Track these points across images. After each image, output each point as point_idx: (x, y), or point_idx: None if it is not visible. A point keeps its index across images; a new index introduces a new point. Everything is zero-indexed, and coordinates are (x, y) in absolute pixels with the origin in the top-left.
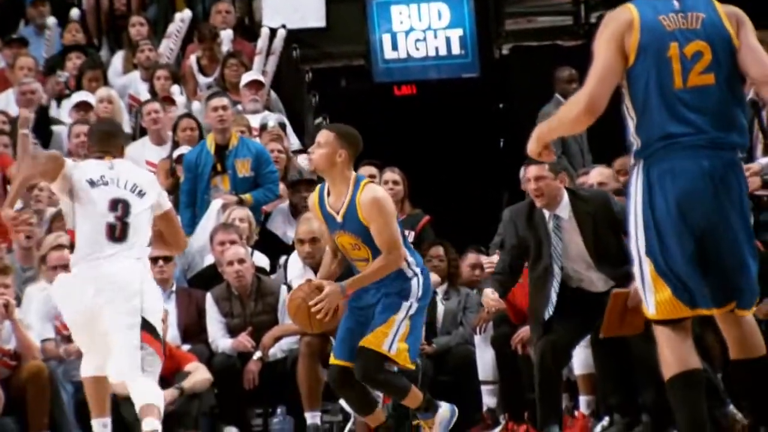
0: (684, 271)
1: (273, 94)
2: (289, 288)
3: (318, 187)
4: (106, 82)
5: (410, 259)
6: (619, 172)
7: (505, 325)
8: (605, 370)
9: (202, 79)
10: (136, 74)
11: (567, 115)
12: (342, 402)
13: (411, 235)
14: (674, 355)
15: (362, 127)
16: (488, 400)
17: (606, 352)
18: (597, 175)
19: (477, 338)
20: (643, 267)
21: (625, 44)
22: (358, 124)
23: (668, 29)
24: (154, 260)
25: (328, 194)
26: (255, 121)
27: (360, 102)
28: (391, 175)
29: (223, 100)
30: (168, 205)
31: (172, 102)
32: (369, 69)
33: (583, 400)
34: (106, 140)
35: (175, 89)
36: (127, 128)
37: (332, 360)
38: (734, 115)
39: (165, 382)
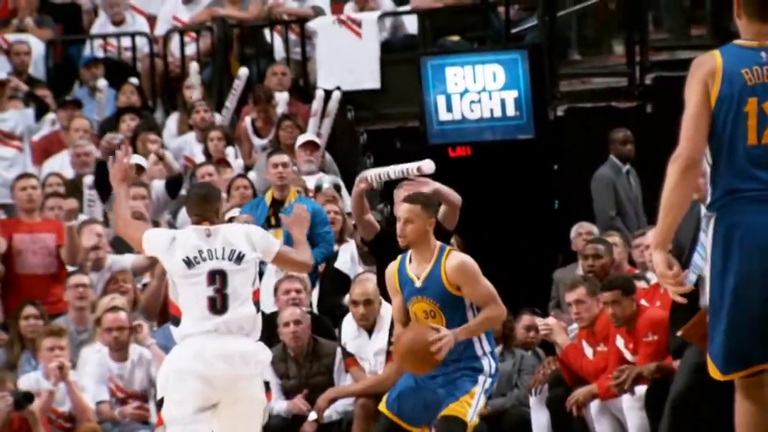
0: (730, 327)
1: (328, 155)
2: (344, 350)
3: (399, 257)
4: (161, 145)
5: (482, 335)
6: None
7: (560, 387)
8: None
9: (257, 141)
10: (191, 135)
11: (670, 182)
12: None
13: None
14: (744, 418)
15: None
16: None
17: (661, 414)
18: None
19: (532, 400)
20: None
21: (709, 91)
22: None
23: (749, 84)
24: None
25: (410, 261)
26: (310, 182)
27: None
28: None
29: (284, 158)
30: (275, 247)
31: (227, 164)
32: (424, 130)
33: None
34: (201, 205)
35: (230, 151)
36: (181, 190)
37: (383, 408)
38: None
39: None
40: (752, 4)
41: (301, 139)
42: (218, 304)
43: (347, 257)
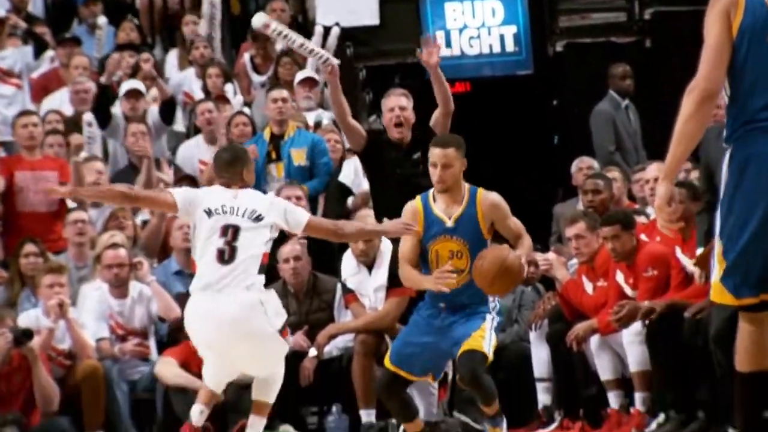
0: (744, 254)
1: (327, 92)
2: (344, 286)
3: (419, 196)
4: (153, 65)
5: None
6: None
7: (560, 322)
8: (661, 367)
9: (256, 78)
10: (190, 71)
11: (685, 113)
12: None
13: None
14: (747, 350)
15: (416, 124)
16: (543, 398)
17: (661, 348)
18: (655, 170)
19: (532, 335)
20: (715, 248)
21: (731, 22)
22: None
23: None
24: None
25: (434, 200)
26: (309, 118)
27: (414, 100)
28: None
29: (283, 93)
30: (302, 220)
31: (227, 101)
32: (423, 66)
33: (638, 396)
34: (226, 168)
35: (229, 88)
36: (180, 126)
37: (388, 364)
38: None
39: None
40: None
41: (300, 75)
42: (227, 255)
43: (350, 170)
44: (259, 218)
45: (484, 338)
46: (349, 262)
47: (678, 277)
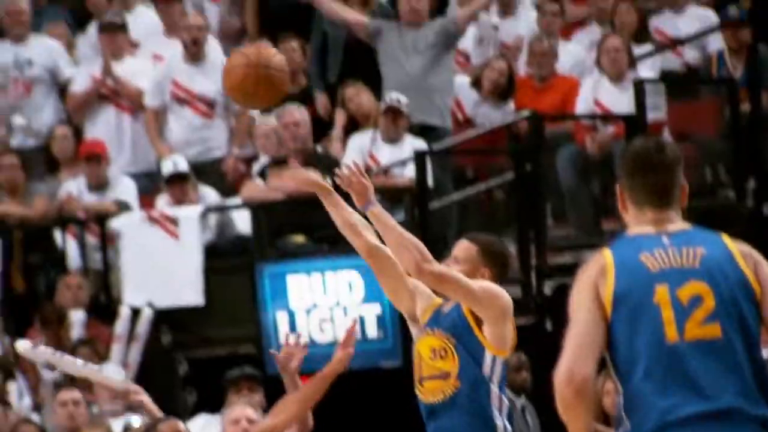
0: None
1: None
2: None
3: None
4: None
5: (505, 401)
6: None
7: None
8: None
9: (48, 374)
10: None
11: (558, 405)
12: None
13: None
14: None
15: None
16: None
17: None
18: None
19: None
20: None
21: (601, 297)
22: None
23: (652, 270)
24: None
25: None
26: (116, 425)
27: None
28: None
29: (75, 394)
30: None
31: (6, 404)
32: (260, 357)
33: None
34: None
35: (14, 387)
36: None
37: None
38: (752, 380)
39: None
40: (644, 190)
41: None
42: None
43: None
44: None
45: None
46: None
47: None
